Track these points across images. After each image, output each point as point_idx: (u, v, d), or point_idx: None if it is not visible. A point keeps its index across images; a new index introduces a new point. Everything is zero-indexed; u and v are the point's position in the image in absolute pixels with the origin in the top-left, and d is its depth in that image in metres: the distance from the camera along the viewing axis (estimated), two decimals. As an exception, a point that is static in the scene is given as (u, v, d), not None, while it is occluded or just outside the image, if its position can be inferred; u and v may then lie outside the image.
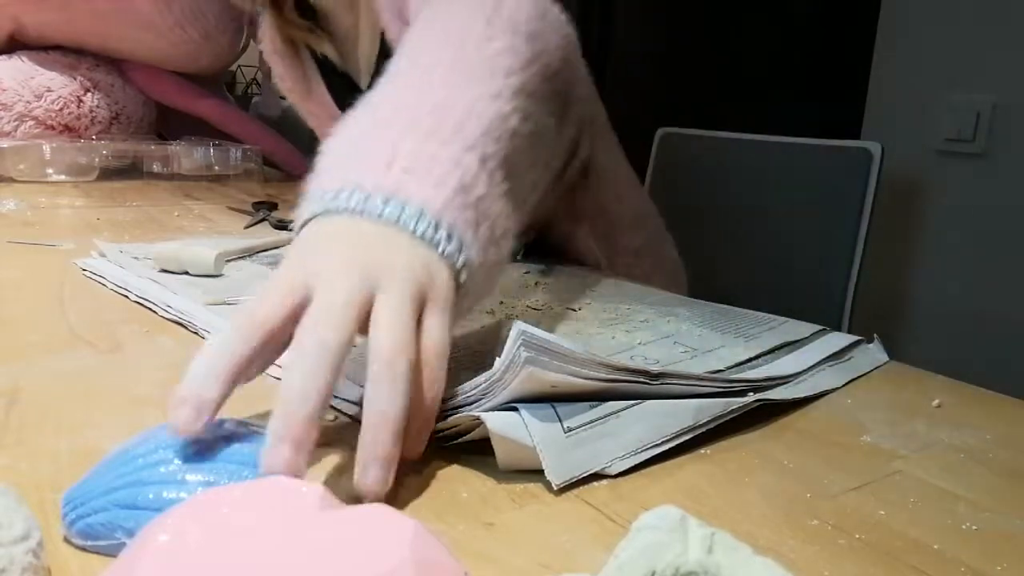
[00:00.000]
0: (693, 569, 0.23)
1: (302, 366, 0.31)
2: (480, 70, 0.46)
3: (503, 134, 0.44)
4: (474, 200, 0.40)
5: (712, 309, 0.63)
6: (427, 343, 0.35)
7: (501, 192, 0.43)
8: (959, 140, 1.54)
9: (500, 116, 0.44)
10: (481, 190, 0.41)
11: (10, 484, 0.27)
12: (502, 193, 0.43)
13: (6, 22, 1.23)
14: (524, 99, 0.47)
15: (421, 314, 0.36)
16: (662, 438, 0.39)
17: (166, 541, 0.23)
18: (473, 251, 0.39)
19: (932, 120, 1.57)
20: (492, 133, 0.43)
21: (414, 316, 0.35)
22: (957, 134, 1.54)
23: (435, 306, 0.37)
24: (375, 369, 0.33)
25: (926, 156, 1.59)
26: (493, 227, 0.41)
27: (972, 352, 1.55)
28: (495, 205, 0.42)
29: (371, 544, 0.23)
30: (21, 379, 0.44)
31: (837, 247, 1.13)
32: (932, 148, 1.58)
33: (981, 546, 0.33)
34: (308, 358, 0.31)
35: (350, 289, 0.34)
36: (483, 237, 0.40)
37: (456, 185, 0.40)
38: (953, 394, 0.50)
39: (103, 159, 1.20)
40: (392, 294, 0.35)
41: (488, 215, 0.41)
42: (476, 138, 0.42)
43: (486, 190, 0.41)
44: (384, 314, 0.34)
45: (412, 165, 0.40)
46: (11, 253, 0.72)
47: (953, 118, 1.54)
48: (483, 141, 0.42)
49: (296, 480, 0.26)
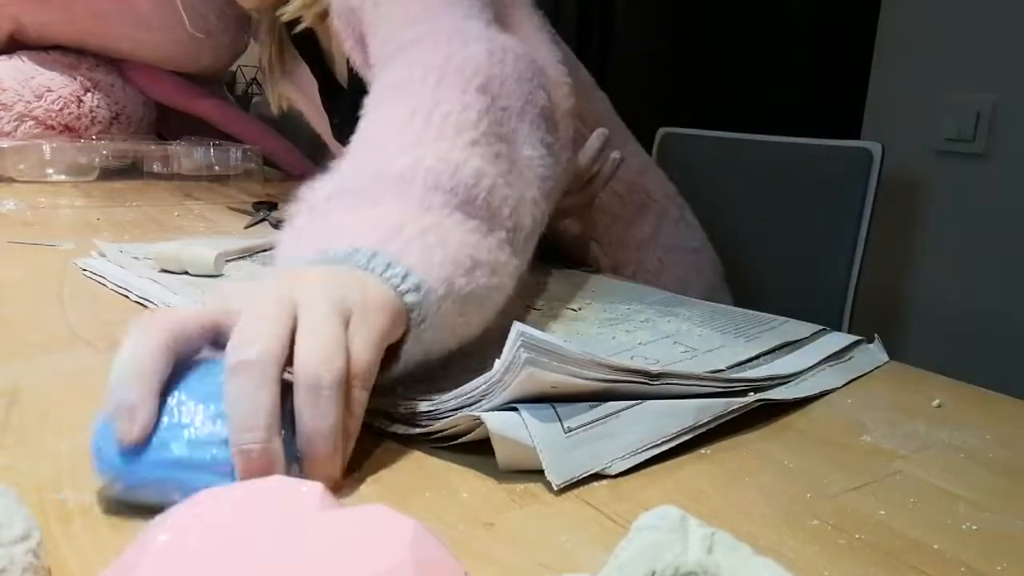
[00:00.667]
0: (693, 569, 0.23)
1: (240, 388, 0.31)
2: (429, 135, 0.47)
3: (458, 183, 0.44)
4: (417, 233, 0.41)
5: (712, 309, 0.63)
6: (351, 359, 0.34)
7: (465, 228, 0.43)
8: (959, 140, 1.54)
9: (449, 168, 0.45)
10: (425, 224, 0.41)
11: (10, 484, 0.27)
12: (468, 229, 0.43)
13: (6, 22, 1.23)
14: (485, 146, 0.48)
15: None
16: (662, 438, 0.39)
17: (166, 541, 0.23)
18: (427, 277, 0.39)
19: (932, 120, 1.57)
20: (442, 185, 0.44)
21: (338, 330, 0.34)
22: (957, 134, 1.54)
23: (358, 321, 0.35)
24: (298, 388, 0.32)
25: (926, 156, 1.59)
26: (456, 258, 0.41)
27: (972, 352, 1.55)
28: (451, 236, 0.42)
29: (371, 544, 0.23)
30: (21, 379, 0.44)
31: (837, 247, 1.13)
32: (932, 148, 1.58)
33: (981, 546, 0.33)
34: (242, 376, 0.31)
35: (273, 304, 0.34)
36: (441, 265, 0.40)
37: (393, 224, 0.41)
38: (953, 394, 0.50)
39: (103, 159, 1.20)
40: (312, 309, 0.34)
41: (445, 244, 0.41)
42: (421, 192, 0.43)
43: (434, 225, 0.42)
44: (304, 329, 0.33)
45: (352, 223, 0.42)
46: (11, 253, 0.72)
47: (953, 118, 1.54)
48: (427, 192, 0.43)
49: (296, 480, 0.26)
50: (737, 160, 1.28)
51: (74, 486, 0.33)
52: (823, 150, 1.18)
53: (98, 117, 1.27)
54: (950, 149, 1.57)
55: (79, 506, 0.32)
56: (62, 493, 0.33)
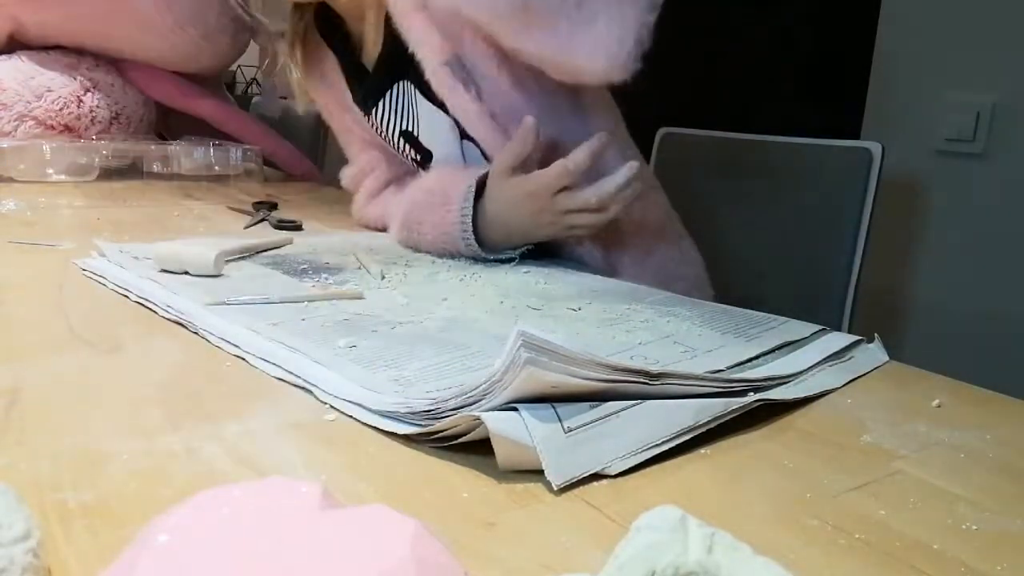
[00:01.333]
0: (693, 569, 0.23)
1: None
2: None
3: None
4: None
5: (712, 309, 0.63)
6: None
7: None
8: (959, 140, 1.54)
9: None
10: None
11: (10, 484, 0.27)
12: None
13: (6, 22, 1.23)
14: None
15: None
16: (662, 438, 0.39)
17: (166, 541, 0.23)
18: None
19: (932, 120, 1.57)
20: None
21: None
22: (957, 134, 1.53)
23: None
24: None
25: (926, 156, 1.59)
26: None
27: (972, 352, 1.55)
28: None
29: (371, 544, 0.23)
30: (21, 379, 0.44)
31: (837, 247, 1.13)
32: (932, 148, 1.58)
33: (981, 546, 0.33)
34: None
35: None
36: None
37: None
38: (953, 394, 0.50)
39: (103, 159, 1.20)
40: None
41: None
42: None
43: None
44: None
45: None
46: (11, 253, 0.72)
47: (953, 118, 1.54)
48: None
49: (296, 480, 0.26)
50: (737, 160, 1.28)
51: (74, 486, 0.33)
52: (823, 150, 1.18)
53: (98, 117, 1.27)
54: (950, 149, 1.57)
55: (79, 506, 0.32)
56: (62, 493, 0.33)
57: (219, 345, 0.50)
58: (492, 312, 0.59)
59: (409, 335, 0.53)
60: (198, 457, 0.36)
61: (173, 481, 0.34)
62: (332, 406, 0.42)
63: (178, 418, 0.40)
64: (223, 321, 0.53)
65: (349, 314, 0.57)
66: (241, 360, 0.48)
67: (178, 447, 0.37)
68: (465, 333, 0.53)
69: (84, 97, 1.26)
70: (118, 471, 0.34)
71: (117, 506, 0.32)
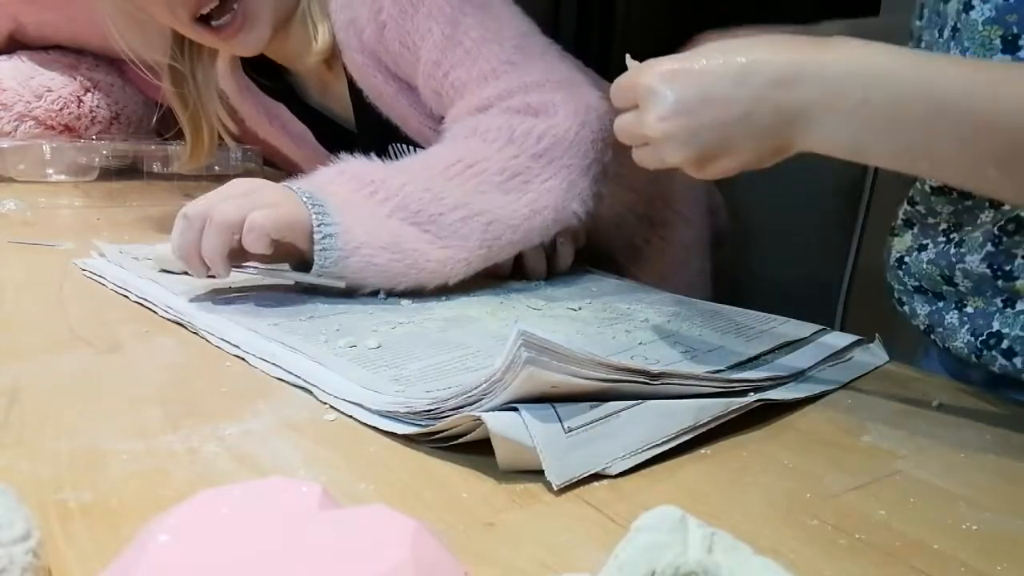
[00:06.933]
0: (693, 569, 0.23)
1: None
2: None
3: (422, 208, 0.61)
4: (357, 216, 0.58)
5: (711, 309, 0.63)
6: None
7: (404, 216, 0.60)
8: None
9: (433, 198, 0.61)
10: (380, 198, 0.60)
11: (10, 484, 0.27)
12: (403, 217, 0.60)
13: (6, 22, 1.23)
14: None
15: None
16: (662, 438, 0.39)
17: (166, 541, 0.23)
18: None
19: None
20: (410, 207, 0.61)
21: None
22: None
23: None
24: None
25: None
26: None
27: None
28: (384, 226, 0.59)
29: (371, 544, 0.23)
30: (21, 379, 0.44)
31: (836, 245, 1.13)
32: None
33: (981, 546, 0.33)
34: None
35: None
36: None
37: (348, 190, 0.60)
38: (953, 394, 0.50)
39: (103, 159, 1.20)
40: None
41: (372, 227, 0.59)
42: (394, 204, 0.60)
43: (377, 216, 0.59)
44: None
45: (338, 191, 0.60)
46: (11, 253, 0.72)
47: (953, 118, 1.54)
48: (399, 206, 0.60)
49: (296, 480, 0.26)
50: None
51: (74, 486, 0.33)
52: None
53: (98, 117, 1.27)
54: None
55: (79, 506, 0.32)
56: (62, 493, 0.33)
57: (219, 345, 0.50)
58: (492, 312, 0.59)
59: (409, 335, 0.53)
60: (198, 457, 0.36)
61: (173, 481, 0.34)
62: (332, 406, 0.42)
63: (178, 418, 0.40)
64: (223, 321, 0.53)
65: (349, 314, 0.57)
66: (241, 360, 0.48)
67: (178, 447, 0.37)
68: (465, 333, 0.53)
69: (84, 97, 1.26)
70: (118, 471, 0.34)
71: (117, 506, 0.32)
